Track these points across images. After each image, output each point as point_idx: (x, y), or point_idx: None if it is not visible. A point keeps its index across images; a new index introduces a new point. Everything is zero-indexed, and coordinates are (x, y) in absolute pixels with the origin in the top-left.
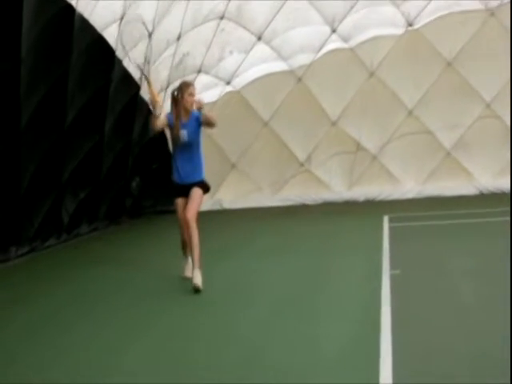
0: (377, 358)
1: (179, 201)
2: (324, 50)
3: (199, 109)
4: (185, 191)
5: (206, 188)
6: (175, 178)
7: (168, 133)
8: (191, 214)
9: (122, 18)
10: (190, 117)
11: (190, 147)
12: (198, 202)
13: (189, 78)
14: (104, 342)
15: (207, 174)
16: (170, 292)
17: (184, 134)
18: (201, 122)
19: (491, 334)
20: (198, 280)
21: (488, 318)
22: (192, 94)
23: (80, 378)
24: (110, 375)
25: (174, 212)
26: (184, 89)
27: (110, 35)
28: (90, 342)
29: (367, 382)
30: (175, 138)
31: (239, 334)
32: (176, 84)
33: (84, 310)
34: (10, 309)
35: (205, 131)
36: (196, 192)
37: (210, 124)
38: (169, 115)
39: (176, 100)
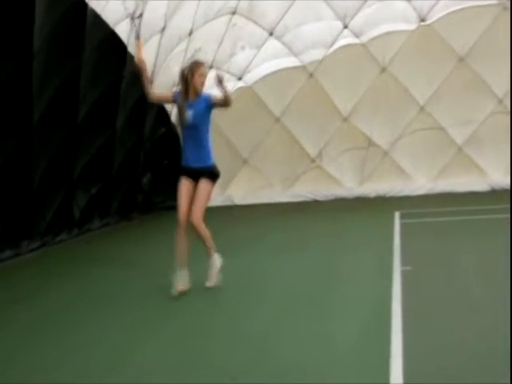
0: (387, 356)
1: (183, 183)
2: (336, 46)
3: (220, 81)
4: (191, 175)
5: (214, 177)
6: (183, 161)
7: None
8: (197, 218)
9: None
10: (198, 98)
11: (196, 130)
12: (205, 201)
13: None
14: (113, 340)
15: (219, 169)
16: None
17: (189, 114)
18: (211, 104)
19: (502, 331)
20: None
21: (499, 315)
22: (203, 75)
23: (88, 378)
24: (120, 374)
25: None
26: (195, 68)
27: (122, 31)
28: (98, 341)
29: (377, 381)
30: (181, 119)
31: (251, 331)
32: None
33: (93, 307)
34: (18, 305)
35: (215, 125)
36: (203, 189)
37: (226, 101)
38: (176, 94)
39: (186, 79)
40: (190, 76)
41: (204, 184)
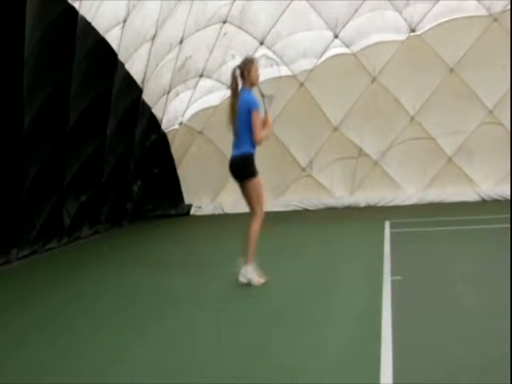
0: (377, 364)
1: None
2: (326, 55)
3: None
4: (233, 170)
5: (249, 173)
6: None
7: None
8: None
9: (124, 21)
10: (250, 91)
11: (239, 118)
12: (254, 199)
13: (191, 82)
14: (103, 344)
15: (209, 177)
16: (170, 295)
17: (239, 102)
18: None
19: (492, 339)
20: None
21: (488, 323)
22: (257, 70)
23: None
24: (109, 377)
25: (173, 216)
26: (250, 65)
27: (113, 38)
28: (88, 345)
29: None
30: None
31: (242, 335)
32: (179, 88)
33: (82, 313)
34: (8, 311)
35: (206, 135)
36: (247, 189)
37: (256, 134)
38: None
39: (242, 75)
40: (246, 72)
41: (246, 186)
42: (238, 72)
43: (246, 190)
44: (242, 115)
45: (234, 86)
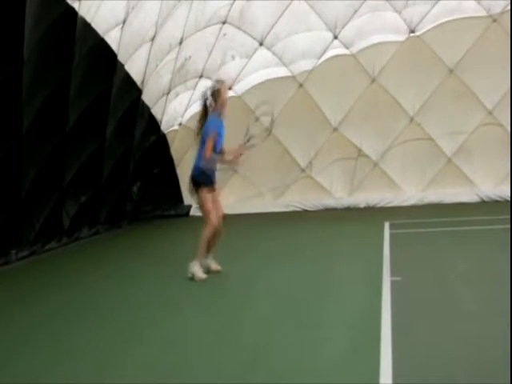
0: (377, 365)
1: None
2: (326, 56)
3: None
4: None
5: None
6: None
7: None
8: None
9: (124, 22)
10: (218, 115)
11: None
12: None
13: (190, 83)
14: (102, 345)
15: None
16: (168, 298)
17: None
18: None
19: (491, 340)
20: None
21: (488, 324)
22: (225, 92)
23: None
24: (109, 378)
25: (173, 216)
26: (219, 87)
27: (112, 39)
28: (87, 346)
29: None
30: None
31: (240, 338)
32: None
33: (82, 314)
34: (7, 312)
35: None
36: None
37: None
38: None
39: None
40: (216, 96)
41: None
42: (208, 94)
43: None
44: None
45: (201, 112)
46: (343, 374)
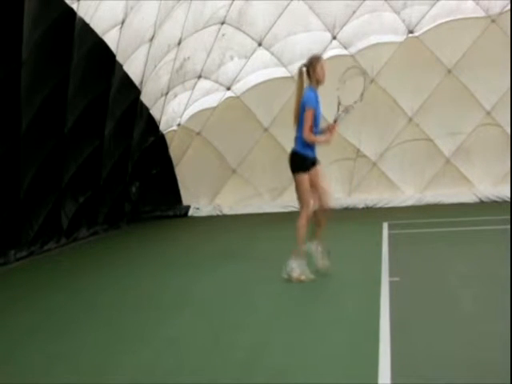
0: (375, 364)
1: None
2: (324, 57)
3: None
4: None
5: (293, 169)
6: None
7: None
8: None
9: (123, 22)
10: (312, 89)
11: (300, 116)
12: (298, 194)
13: (189, 84)
14: (102, 345)
15: (207, 179)
16: (168, 297)
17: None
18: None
19: (490, 341)
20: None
21: (487, 324)
22: (323, 67)
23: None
24: (108, 379)
25: (171, 217)
26: (315, 62)
27: (111, 40)
28: (87, 346)
29: None
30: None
31: (240, 338)
32: (177, 89)
33: (80, 314)
34: (6, 312)
35: (205, 137)
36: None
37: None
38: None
39: (308, 73)
40: (311, 70)
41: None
42: (304, 70)
43: (295, 184)
44: (301, 113)
45: (298, 84)
46: (342, 374)
